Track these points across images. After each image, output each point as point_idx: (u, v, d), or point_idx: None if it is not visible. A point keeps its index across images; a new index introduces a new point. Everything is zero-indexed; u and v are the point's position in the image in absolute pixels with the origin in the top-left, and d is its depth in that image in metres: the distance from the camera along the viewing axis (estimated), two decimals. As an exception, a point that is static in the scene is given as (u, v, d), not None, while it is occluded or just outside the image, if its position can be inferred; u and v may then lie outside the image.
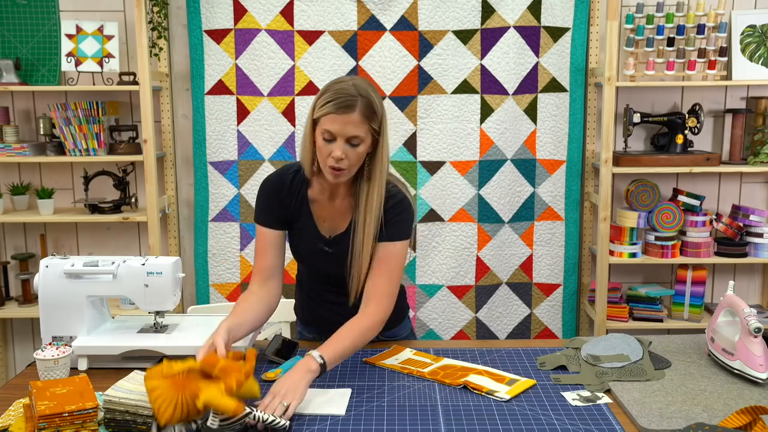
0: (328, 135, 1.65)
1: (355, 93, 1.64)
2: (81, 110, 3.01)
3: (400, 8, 3.04)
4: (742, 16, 3.09)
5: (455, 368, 1.76)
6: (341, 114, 1.62)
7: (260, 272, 1.86)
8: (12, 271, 3.31)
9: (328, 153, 1.66)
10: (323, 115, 1.64)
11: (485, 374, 1.71)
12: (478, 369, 1.75)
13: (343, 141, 1.64)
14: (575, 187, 3.18)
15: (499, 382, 1.66)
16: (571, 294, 3.24)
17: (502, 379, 1.69)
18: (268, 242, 1.84)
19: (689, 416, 1.47)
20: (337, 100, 1.62)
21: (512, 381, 1.68)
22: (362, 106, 1.63)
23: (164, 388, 1.41)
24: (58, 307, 1.80)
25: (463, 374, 1.71)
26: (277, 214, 1.83)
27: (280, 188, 1.81)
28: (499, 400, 1.58)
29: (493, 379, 1.68)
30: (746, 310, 1.67)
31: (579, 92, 3.13)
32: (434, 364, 1.79)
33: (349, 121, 1.62)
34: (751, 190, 3.28)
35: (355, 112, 1.63)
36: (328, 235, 1.83)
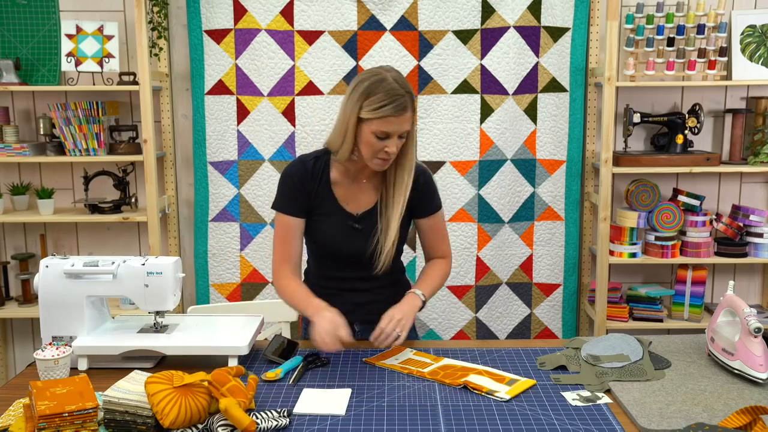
0: (382, 134, 1.74)
1: (402, 92, 1.72)
2: (81, 110, 3.01)
3: (400, 8, 3.04)
4: (742, 16, 3.09)
5: (455, 368, 1.76)
6: (398, 116, 1.72)
7: (289, 259, 1.94)
8: (12, 271, 3.31)
9: (381, 148, 1.75)
10: (377, 118, 1.72)
11: (485, 374, 1.71)
12: (478, 369, 1.75)
13: (396, 137, 1.75)
14: (575, 187, 3.18)
15: (499, 382, 1.66)
16: (571, 294, 3.24)
17: (502, 379, 1.69)
18: (293, 230, 1.92)
19: (689, 416, 1.47)
20: (393, 104, 1.71)
21: (512, 381, 1.68)
22: (410, 102, 1.75)
23: (168, 391, 1.41)
24: (58, 307, 1.80)
25: (463, 374, 1.71)
26: (300, 203, 1.90)
27: (303, 176, 1.89)
28: (499, 401, 1.58)
29: (493, 379, 1.68)
30: (746, 310, 1.67)
31: (579, 92, 3.13)
32: (434, 364, 1.79)
33: (403, 120, 1.74)
34: (751, 190, 3.29)
35: (408, 110, 1.74)
36: (355, 212, 1.91)
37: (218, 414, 1.44)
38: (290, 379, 1.70)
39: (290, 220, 1.91)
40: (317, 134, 3.12)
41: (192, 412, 1.42)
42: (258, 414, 1.47)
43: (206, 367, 1.66)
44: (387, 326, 1.75)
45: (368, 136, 1.75)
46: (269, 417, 1.46)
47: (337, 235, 1.91)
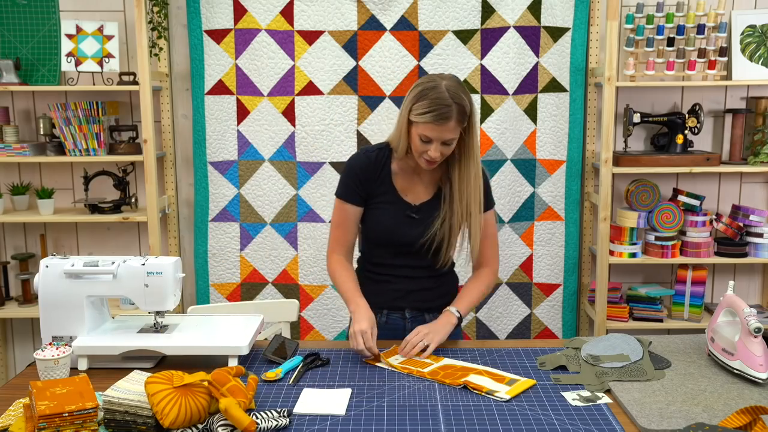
0: (425, 138, 1.81)
1: (450, 102, 1.77)
2: (81, 110, 3.01)
3: (400, 8, 3.04)
4: (742, 16, 3.09)
5: (455, 368, 1.76)
6: (439, 125, 1.78)
7: (344, 244, 2.03)
8: (12, 271, 3.31)
9: (424, 150, 1.84)
10: (421, 123, 1.80)
11: (485, 374, 1.71)
12: (478, 369, 1.75)
13: (438, 144, 1.81)
14: (575, 187, 3.18)
15: (499, 382, 1.66)
16: (571, 294, 3.24)
17: (502, 379, 1.69)
18: (350, 217, 2.00)
19: (689, 416, 1.47)
20: (435, 112, 1.77)
21: (512, 381, 1.68)
22: (456, 114, 1.78)
23: (168, 391, 1.41)
24: (58, 307, 1.80)
25: (463, 374, 1.71)
26: (360, 192, 1.98)
27: (365, 166, 1.97)
28: (499, 400, 1.58)
29: (493, 379, 1.69)
30: (746, 310, 1.67)
31: (579, 92, 3.13)
32: (434, 364, 1.79)
33: (445, 130, 1.79)
34: (751, 190, 3.28)
35: (451, 121, 1.78)
36: (413, 202, 1.98)
37: (218, 414, 1.44)
38: (290, 379, 1.70)
39: (349, 207, 1.99)
40: (317, 134, 3.12)
41: (192, 412, 1.42)
42: (258, 414, 1.47)
43: (206, 367, 1.66)
44: (413, 338, 1.83)
45: (415, 137, 1.84)
46: (269, 417, 1.46)
47: (394, 224, 1.98)
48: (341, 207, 2.00)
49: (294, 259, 3.20)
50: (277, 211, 3.18)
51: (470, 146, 1.89)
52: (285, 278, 3.21)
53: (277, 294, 3.22)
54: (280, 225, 3.19)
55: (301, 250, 3.19)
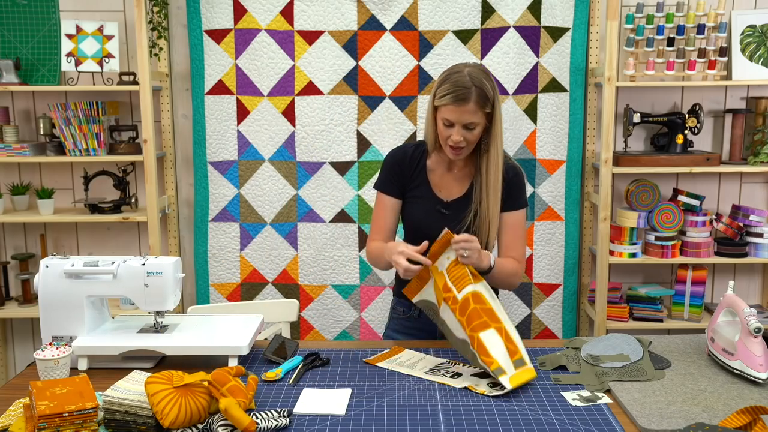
0: (447, 122, 1.86)
1: (469, 84, 1.82)
2: (81, 110, 3.01)
3: (400, 8, 3.04)
4: (742, 16, 3.09)
5: (481, 309, 1.69)
6: (458, 106, 1.82)
7: (380, 231, 2.06)
8: (12, 271, 3.31)
9: (447, 135, 1.88)
10: (442, 105, 1.85)
11: (503, 334, 1.67)
12: (500, 322, 1.69)
13: (460, 127, 1.85)
14: (575, 187, 3.18)
15: (510, 356, 1.64)
16: (571, 294, 3.24)
17: (515, 351, 1.66)
18: (388, 208, 2.06)
19: (689, 416, 1.48)
20: (454, 93, 1.82)
21: (520, 361, 1.66)
22: (476, 96, 1.82)
23: (168, 391, 1.41)
24: (58, 307, 1.80)
25: (484, 324, 1.67)
26: (396, 184, 2.04)
27: (402, 159, 2.04)
28: (498, 394, 1.58)
29: (508, 346, 1.65)
30: (746, 310, 1.67)
31: (579, 92, 3.13)
32: (470, 286, 1.72)
33: (465, 111, 1.82)
34: (751, 190, 3.29)
35: (470, 102, 1.82)
36: (445, 199, 2.02)
37: (218, 414, 1.44)
38: (290, 379, 1.70)
39: (386, 199, 2.05)
40: (317, 134, 3.12)
41: (192, 412, 1.42)
42: (258, 414, 1.47)
43: (206, 367, 1.66)
44: (464, 237, 1.76)
45: (439, 123, 1.89)
46: (269, 417, 1.46)
47: (426, 218, 2.02)
48: (379, 198, 2.07)
49: (294, 259, 3.20)
50: (277, 211, 3.18)
51: (495, 136, 1.92)
52: (285, 278, 3.21)
53: (277, 294, 3.22)
54: (280, 225, 3.19)
55: (301, 250, 3.19)
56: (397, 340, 2.10)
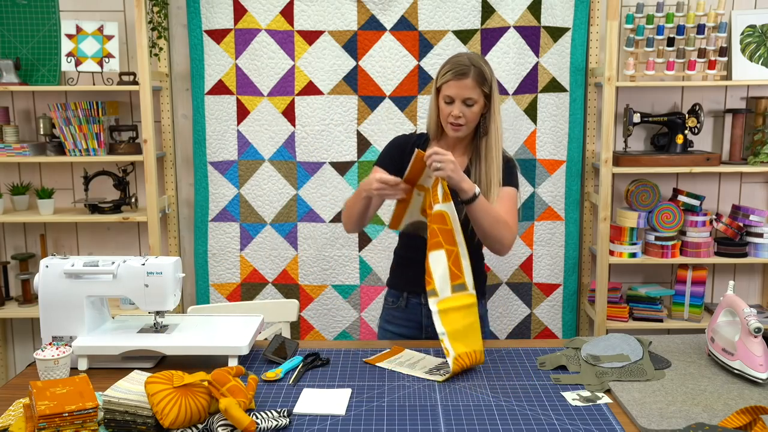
0: (448, 99, 1.98)
1: (468, 63, 1.97)
2: (81, 110, 3.01)
3: (400, 8, 3.04)
4: (742, 16, 3.09)
5: (437, 230, 1.78)
6: (457, 80, 1.95)
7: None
8: (12, 271, 3.31)
9: (448, 113, 1.99)
10: (444, 83, 1.98)
11: (451, 258, 1.76)
12: (454, 246, 1.78)
13: (460, 102, 1.96)
14: (575, 187, 3.18)
15: (450, 279, 1.75)
16: (571, 294, 3.24)
17: (457, 276, 1.76)
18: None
19: (689, 416, 1.48)
20: (454, 70, 1.97)
21: (460, 286, 1.76)
22: (474, 74, 1.96)
23: (168, 391, 1.41)
24: (58, 307, 1.80)
25: (436, 245, 1.77)
26: (393, 165, 2.07)
27: (404, 145, 2.13)
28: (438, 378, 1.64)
29: (451, 269, 1.76)
30: (746, 310, 1.67)
31: (579, 92, 3.13)
32: (439, 205, 1.79)
33: (464, 86, 1.95)
34: (751, 190, 3.29)
35: (469, 78, 1.95)
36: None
37: (218, 414, 1.44)
38: (290, 379, 1.71)
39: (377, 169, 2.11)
40: (317, 134, 3.12)
41: (192, 412, 1.42)
42: (258, 414, 1.47)
43: (206, 367, 1.66)
44: (434, 152, 1.81)
45: (441, 103, 2.01)
46: (269, 417, 1.46)
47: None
48: (374, 170, 2.12)
49: (294, 259, 3.20)
50: (277, 211, 3.18)
51: (493, 119, 2.02)
52: (285, 278, 3.21)
53: (277, 294, 3.22)
54: (280, 225, 3.19)
55: (301, 250, 3.20)
56: (392, 337, 2.14)
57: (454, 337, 1.73)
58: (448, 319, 1.74)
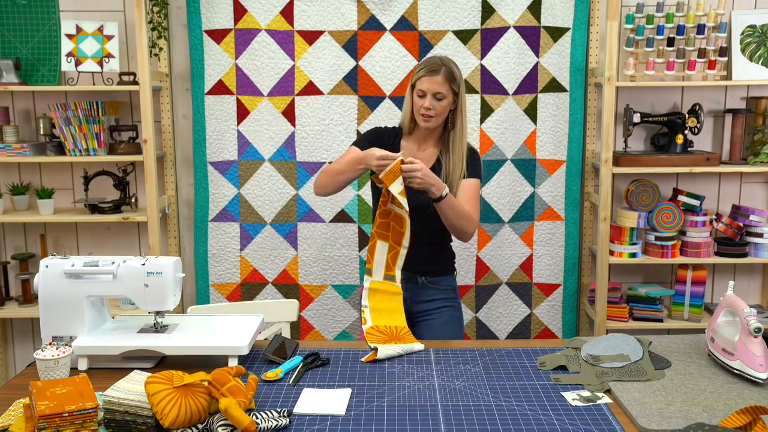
0: (420, 92, 2.20)
1: (440, 63, 2.20)
2: (81, 110, 3.01)
3: (400, 8, 3.04)
4: (742, 16, 3.09)
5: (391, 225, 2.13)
6: (430, 76, 2.18)
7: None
8: (12, 271, 3.31)
9: (420, 105, 2.21)
10: (417, 79, 2.20)
11: (390, 253, 2.13)
12: (398, 247, 2.14)
13: (431, 96, 2.18)
14: (575, 187, 3.18)
15: (385, 270, 2.14)
16: (571, 294, 3.24)
17: (390, 269, 2.14)
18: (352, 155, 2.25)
19: (689, 416, 1.48)
20: (427, 67, 2.20)
21: (390, 277, 2.13)
22: (445, 72, 2.19)
23: (168, 391, 1.41)
24: (58, 307, 1.80)
25: (383, 237, 2.14)
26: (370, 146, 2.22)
27: (381, 134, 2.34)
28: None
29: (388, 262, 2.13)
30: (746, 310, 1.67)
31: (579, 92, 3.13)
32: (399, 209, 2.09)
33: (435, 81, 2.17)
34: (751, 190, 3.29)
35: (440, 75, 2.18)
36: None
37: (218, 414, 1.44)
38: (290, 379, 1.71)
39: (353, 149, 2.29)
40: (317, 134, 3.12)
41: (192, 412, 1.42)
42: (258, 414, 1.47)
43: (206, 367, 1.66)
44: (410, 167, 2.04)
45: (415, 98, 2.22)
46: (269, 417, 1.46)
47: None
48: (350, 151, 2.29)
49: (294, 259, 3.20)
50: (277, 211, 3.18)
51: (459, 119, 2.24)
52: (285, 278, 3.21)
53: (277, 294, 3.22)
54: (280, 225, 3.19)
55: (301, 250, 3.20)
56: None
57: (376, 311, 2.07)
58: (375, 297, 2.10)
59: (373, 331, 2.00)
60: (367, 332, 2.00)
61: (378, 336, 1.98)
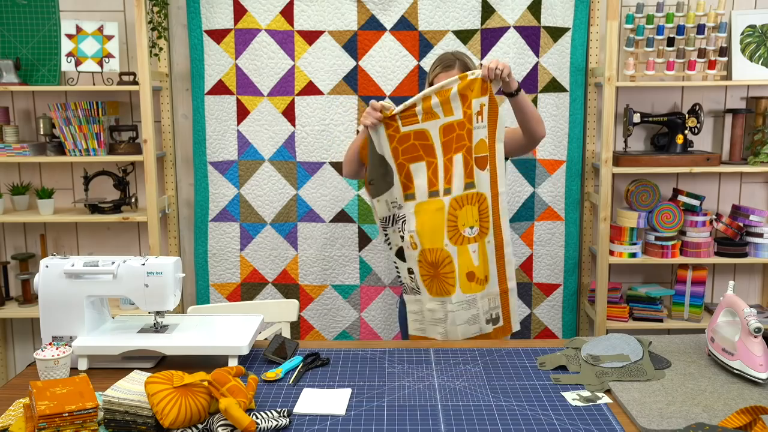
0: None
1: (453, 58, 2.31)
2: (81, 110, 3.01)
3: (400, 8, 3.04)
4: (742, 16, 3.09)
5: (418, 146, 2.13)
6: (446, 72, 2.28)
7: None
8: (12, 271, 3.31)
9: None
10: (435, 76, 2.30)
11: (431, 169, 2.13)
12: (434, 158, 2.13)
13: None
14: (575, 187, 3.18)
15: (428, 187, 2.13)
16: (571, 294, 3.24)
17: (434, 184, 2.13)
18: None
19: (689, 416, 1.48)
20: (442, 63, 2.31)
21: (435, 193, 2.13)
22: (460, 65, 2.29)
23: (168, 391, 1.41)
24: (58, 307, 1.80)
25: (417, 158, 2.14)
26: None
27: None
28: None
29: (430, 178, 2.13)
30: (746, 310, 1.67)
31: (579, 92, 3.13)
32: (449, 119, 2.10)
33: (451, 76, 2.21)
34: (751, 190, 3.29)
35: (455, 69, 2.28)
36: None
37: (218, 414, 1.44)
38: (290, 379, 1.71)
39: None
40: (317, 134, 3.12)
41: (192, 412, 1.42)
42: (258, 414, 1.47)
43: (206, 367, 1.67)
44: (491, 62, 2.09)
45: None
46: (269, 417, 1.46)
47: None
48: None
49: (294, 259, 3.20)
50: (277, 211, 3.18)
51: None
52: (285, 278, 3.21)
53: (277, 294, 3.22)
54: (280, 225, 3.19)
55: (301, 250, 3.20)
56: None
57: (422, 235, 2.13)
58: (421, 218, 2.14)
59: (423, 260, 2.14)
60: (419, 258, 2.14)
61: (425, 266, 2.14)
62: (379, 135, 2.15)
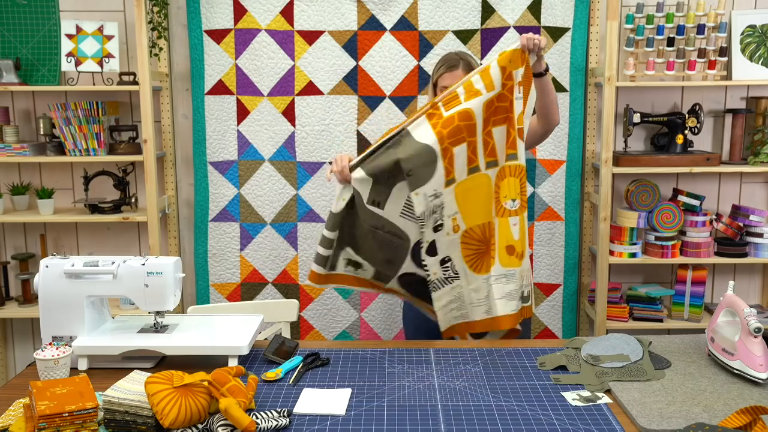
0: (443, 89, 2.22)
1: (456, 57, 2.30)
2: (81, 110, 3.01)
3: (400, 8, 3.04)
4: (742, 16, 3.09)
5: (462, 127, 2.02)
6: (450, 72, 2.27)
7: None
8: (12, 271, 3.31)
9: None
10: (439, 76, 2.30)
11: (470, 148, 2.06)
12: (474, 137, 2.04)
13: None
14: (575, 187, 3.18)
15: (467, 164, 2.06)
16: (571, 294, 3.24)
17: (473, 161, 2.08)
18: None
19: (689, 416, 1.48)
20: (446, 64, 2.30)
21: (475, 169, 2.07)
22: (464, 65, 2.29)
23: (168, 391, 1.41)
24: (58, 307, 1.80)
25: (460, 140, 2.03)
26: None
27: None
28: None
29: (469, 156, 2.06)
30: (746, 310, 1.68)
31: (579, 92, 3.13)
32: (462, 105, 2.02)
33: (456, 76, 2.25)
34: (751, 190, 3.29)
35: (459, 69, 2.27)
36: None
37: (218, 414, 1.44)
38: (290, 379, 1.71)
39: None
40: (317, 134, 3.12)
41: (192, 412, 1.42)
42: (258, 414, 1.47)
43: (206, 367, 1.67)
44: (530, 35, 2.04)
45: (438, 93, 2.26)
46: (269, 417, 1.46)
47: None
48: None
49: (294, 259, 3.20)
50: (277, 211, 3.18)
51: None
52: (285, 278, 3.21)
53: (277, 294, 3.22)
54: (280, 225, 3.19)
55: (301, 250, 3.19)
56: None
57: (465, 214, 2.06)
58: (464, 198, 2.06)
59: (468, 240, 2.06)
60: (462, 240, 2.05)
61: (472, 245, 2.06)
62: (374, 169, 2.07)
